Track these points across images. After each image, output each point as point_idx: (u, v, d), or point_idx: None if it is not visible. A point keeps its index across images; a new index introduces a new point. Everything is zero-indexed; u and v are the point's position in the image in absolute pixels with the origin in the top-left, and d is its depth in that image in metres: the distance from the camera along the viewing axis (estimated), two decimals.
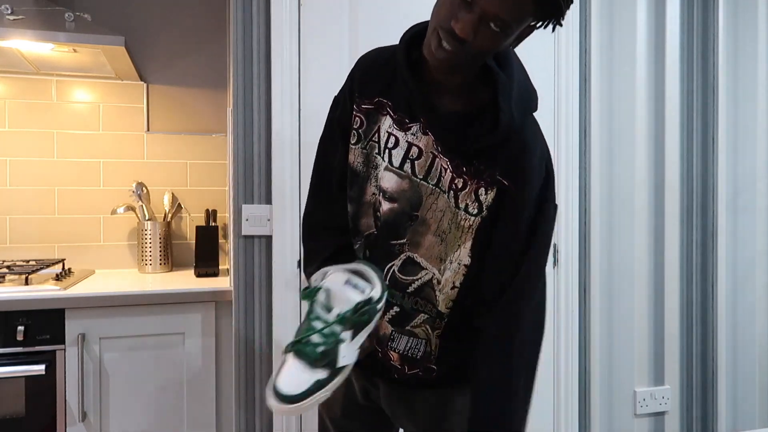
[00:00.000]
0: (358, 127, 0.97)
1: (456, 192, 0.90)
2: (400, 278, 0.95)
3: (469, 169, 0.89)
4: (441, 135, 0.90)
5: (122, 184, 2.10)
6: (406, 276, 0.94)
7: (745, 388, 2.15)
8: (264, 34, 1.63)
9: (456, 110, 0.90)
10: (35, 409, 1.55)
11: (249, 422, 1.62)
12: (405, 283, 0.95)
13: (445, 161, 0.90)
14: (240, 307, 1.61)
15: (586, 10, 1.93)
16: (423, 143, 0.91)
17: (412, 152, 0.92)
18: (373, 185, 0.96)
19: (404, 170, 0.92)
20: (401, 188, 0.93)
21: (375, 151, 0.95)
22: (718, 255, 2.09)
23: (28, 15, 1.65)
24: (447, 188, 0.90)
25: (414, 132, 0.92)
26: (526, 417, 0.98)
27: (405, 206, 0.93)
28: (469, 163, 0.89)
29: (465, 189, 0.89)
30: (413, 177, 0.92)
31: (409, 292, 0.95)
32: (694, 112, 2.08)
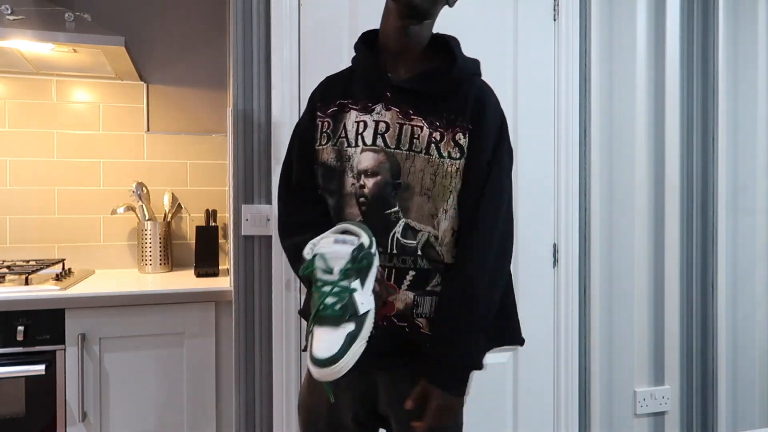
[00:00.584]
0: (326, 129, 1.09)
1: (437, 144, 1.02)
2: (405, 243, 1.02)
3: (442, 122, 1.02)
4: (411, 100, 1.04)
5: (122, 184, 2.10)
6: (409, 240, 1.02)
7: (745, 388, 2.15)
8: (264, 34, 1.63)
9: (414, 73, 1.06)
10: (35, 409, 1.55)
11: (249, 422, 1.62)
12: (411, 247, 1.02)
13: (418, 120, 1.03)
14: (240, 307, 1.61)
15: (586, 10, 1.93)
16: (388, 117, 1.04)
17: (380, 127, 1.04)
18: (351, 176, 1.05)
19: (377, 145, 1.03)
20: (379, 161, 1.03)
21: (345, 146, 1.06)
22: (718, 255, 2.09)
23: (28, 15, 1.65)
24: (426, 145, 1.01)
25: (378, 111, 1.05)
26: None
27: (387, 177, 1.02)
28: (440, 117, 1.03)
29: (443, 140, 1.02)
30: (387, 148, 1.03)
31: (419, 255, 1.02)
32: (694, 112, 2.08)
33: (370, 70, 1.09)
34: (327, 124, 1.09)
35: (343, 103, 1.09)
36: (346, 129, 1.07)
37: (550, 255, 1.85)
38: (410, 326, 1.02)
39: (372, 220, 1.02)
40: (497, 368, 1.80)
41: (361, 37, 1.14)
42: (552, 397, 1.86)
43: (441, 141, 1.02)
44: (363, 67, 1.11)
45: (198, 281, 1.79)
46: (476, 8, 1.76)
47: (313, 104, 1.15)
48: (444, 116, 1.03)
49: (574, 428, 1.88)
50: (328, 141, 1.08)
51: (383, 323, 1.02)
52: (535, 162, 1.83)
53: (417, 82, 1.05)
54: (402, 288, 1.02)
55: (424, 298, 1.02)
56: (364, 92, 1.08)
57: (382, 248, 1.01)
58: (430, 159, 1.01)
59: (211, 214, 2.00)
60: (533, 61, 1.82)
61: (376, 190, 1.02)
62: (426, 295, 1.02)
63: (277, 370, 1.60)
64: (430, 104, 1.04)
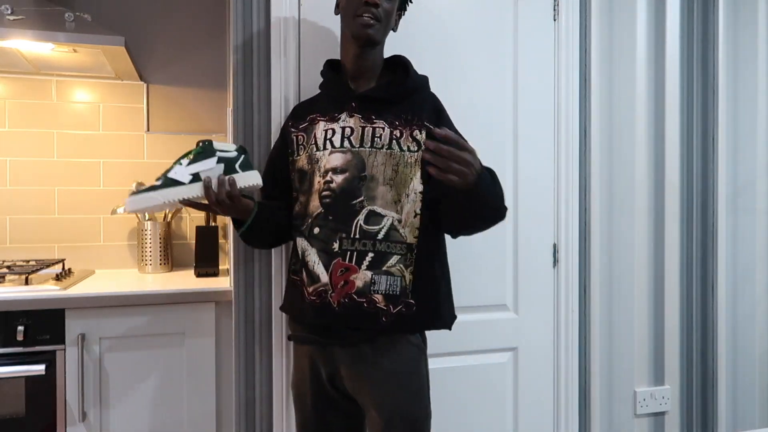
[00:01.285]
0: (301, 142, 1.30)
1: (398, 140, 1.22)
2: (366, 229, 1.19)
3: (400, 122, 1.23)
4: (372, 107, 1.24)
5: (122, 184, 2.11)
6: (371, 226, 1.19)
7: (745, 388, 2.15)
8: (264, 34, 1.63)
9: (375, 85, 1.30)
10: (35, 409, 1.55)
11: (249, 422, 1.62)
12: (372, 232, 1.18)
13: (380, 123, 1.23)
14: (240, 307, 1.61)
15: (586, 10, 1.93)
16: (352, 123, 1.25)
17: (346, 132, 1.24)
18: (318, 175, 1.23)
19: (344, 146, 1.23)
20: (347, 160, 1.22)
21: (314, 150, 1.26)
22: (718, 255, 2.09)
23: (28, 15, 1.65)
24: (388, 142, 1.21)
25: (344, 119, 1.26)
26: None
27: (354, 172, 1.21)
28: (398, 118, 1.23)
29: (403, 136, 1.22)
30: (352, 148, 1.22)
31: (379, 239, 1.18)
32: (694, 112, 2.08)
33: (335, 86, 1.31)
34: (301, 137, 1.31)
35: (312, 117, 1.31)
36: (315, 137, 1.27)
37: (550, 255, 1.85)
38: (368, 302, 1.17)
39: (337, 210, 1.20)
40: (497, 368, 1.80)
41: (326, 64, 1.38)
42: (552, 397, 1.86)
43: (401, 137, 1.22)
44: (330, 86, 1.33)
45: (198, 281, 1.80)
46: (476, 8, 1.76)
47: (285, 127, 1.37)
48: (402, 117, 1.23)
49: (574, 428, 1.88)
50: (301, 151, 1.30)
51: (345, 300, 1.17)
52: (535, 162, 1.83)
53: (377, 91, 1.26)
54: (362, 268, 1.18)
55: (380, 277, 1.17)
56: (330, 106, 1.29)
57: (346, 234, 1.18)
58: (392, 153, 1.21)
59: (211, 214, 2.00)
60: (533, 61, 1.82)
61: (345, 184, 1.20)
62: (383, 274, 1.18)
63: (277, 370, 1.60)
64: (389, 109, 1.24)
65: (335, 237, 1.19)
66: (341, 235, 1.18)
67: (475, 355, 1.75)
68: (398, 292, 1.18)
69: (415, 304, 1.19)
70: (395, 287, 1.18)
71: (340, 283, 1.18)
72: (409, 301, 1.18)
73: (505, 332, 1.79)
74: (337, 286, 1.18)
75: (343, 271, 1.18)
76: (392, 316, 1.17)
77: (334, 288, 1.18)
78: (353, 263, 1.18)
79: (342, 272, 1.18)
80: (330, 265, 1.19)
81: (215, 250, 1.93)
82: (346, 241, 1.18)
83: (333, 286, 1.18)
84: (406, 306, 1.18)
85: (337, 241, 1.19)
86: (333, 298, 1.18)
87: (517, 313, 1.81)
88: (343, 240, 1.18)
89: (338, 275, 1.18)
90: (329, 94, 1.33)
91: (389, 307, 1.17)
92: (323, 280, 1.19)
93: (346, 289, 1.17)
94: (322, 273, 1.20)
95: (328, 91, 1.34)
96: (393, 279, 1.18)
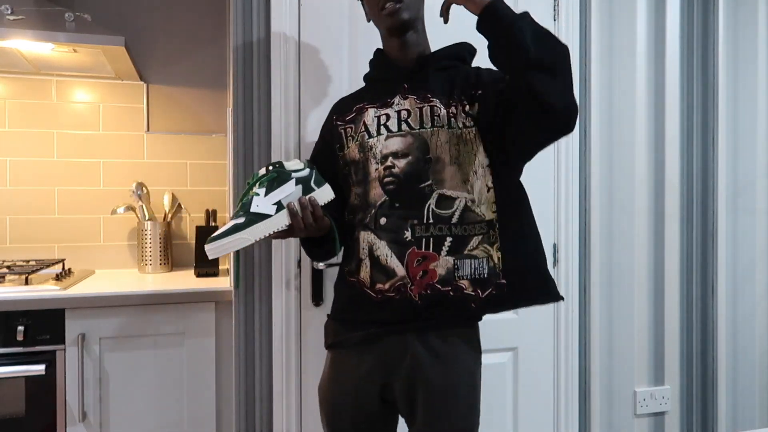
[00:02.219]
0: (350, 133, 1.22)
1: (455, 117, 1.13)
2: (439, 213, 1.10)
3: (453, 99, 1.15)
4: (425, 87, 1.17)
5: (122, 184, 2.11)
6: (444, 210, 1.10)
7: (745, 388, 2.15)
8: (264, 34, 1.63)
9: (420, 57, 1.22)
10: (35, 409, 1.55)
11: (249, 422, 1.62)
12: (446, 216, 1.10)
13: (436, 101, 1.15)
14: (240, 307, 1.61)
15: (586, 10, 1.93)
16: (407, 105, 1.16)
17: (403, 114, 1.16)
18: (374, 162, 1.15)
19: (403, 129, 1.15)
20: (408, 143, 1.13)
21: (365, 138, 1.18)
22: (718, 255, 2.09)
23: (28, 15, 1.65)
24: (447, 120, 1.13)
25: (397, 102, 1.18)
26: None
27: (418, 155, 1.12)
28: (451, 95, 1.15)
29: (458, 113, 1.13)
30: (412, 130, 1.14)
31: (453, 223, 1.09)
32: (694, 112, 2.08)
33: (385, 70, 1.25)
34: (350, 129, 1.22)
35: (360, 106, 1.23)
36: (365, 124, 1.19)
37: (550, 255, 1.85)
38: (454, 289, 1.08)
39: (405, 196, 1.11)
40: (497, 368, 1.80)
41: (376, 52, 1.31)
42: (552, 397, 1.86)
43: (457, 114, 1.13)
44: (379, 71, 1.28)
45: (198, 281, 1.80)
46: None
47: (329, 123, 1.29)
48: (454, 94, 1.15)
49: (574, 428, 1.88)
50: (352, 141, 1.21)
51: (427, 291, 1.08)
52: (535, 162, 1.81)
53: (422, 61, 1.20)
54: (441, 254, 1.08)
55: (463, 261, 1.08)
56: (380, 92, 1.21)
57: (418, 220, 1.09)
58: (453, 131, 1.12)
59: (211, 214, 2.00)
60: None
61: (409, 168, 1.12)
62: (465, 258, 1.09)
63: (277, 370, 1.60)
64: (441, 87, 1.17)
65: (406, 225, 1.10)
66: (413, 222, 1.09)
67: None
68: (486, 274, 1.09)
69: (507, 283, 1.09)
70: (482, 270, 1.08)
71: (419, 273, 1.08)
72: (500, 282, 1.09)
73: (505, 332, 1.79)
74: (416, 277, 1.08)
75: (420, 260, 1.08)
76: (481, 301, 1.08)
77: (412, 280, 1.08)
78: (431, 250, 1.08)
79: (419, 261, 1.08)
80: (405, 256, 1.09)
81: None
82: (419, 227, 1.09)
83: (411, 279, 1.08)
84: (497, 287, 1.09)
85: (409, 228, 1.09)
86: (413, 291, 1.08)
87: (517, 313, 1.81)
88: (416, 227, 1.09)
89: (415, 266, 1.08)
90: (379, 80, 1.27)
91: (477, 292, 1.08)
92: (400, 273, 1.09)
93: (426, 279, 1.08)
94: (398, 266, 1.10)
95: (379, 76, 1.28)
96: (478, 261, 1.09)
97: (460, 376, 1.12)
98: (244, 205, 1.07)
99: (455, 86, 1.17)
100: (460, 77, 1.18)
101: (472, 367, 1.14)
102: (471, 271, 1.08)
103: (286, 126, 1.60)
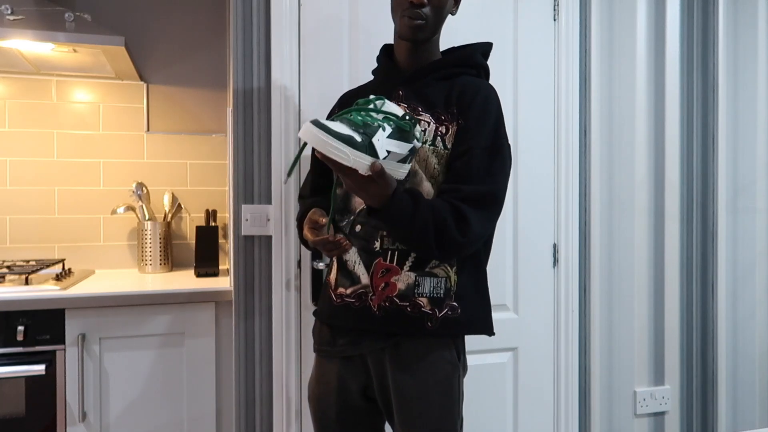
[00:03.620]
0: None
1: (443, 137, 1.10)
2: None
3: (447, 116, 1.11)
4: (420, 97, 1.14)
5: (122, 184, 2.11)
6: None
7: (745, 388, 2.15)
8: (264, 34, 1.63)
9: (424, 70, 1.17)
10: (35, 409, 1.55)
11: (249, 422, 1.62)
12: None
13: (426, 117, 1.12)
14: (240, 307, 1.61)
15: (586, 10, 1.93)
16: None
17: None
18: None
19: None
20: None
21: None
22: (718, 255, 2.09)
23: (28, 15, 1.65)
24: (432, 138, 1.10)
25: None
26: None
27: None
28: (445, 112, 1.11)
29: (448, 133, 1.10)
30: None
31: None
32: (694, 112, 2.08)
33: (384, 71, 1.24)
34: None
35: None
36: None
37: (550, 255, 1.85)
38: (412, 305, 1.08)
39: None
40: (497, 368, 1.80)
41: (383, 49, 1.28)
42: (552, 397, 1.86)
43: (446, 134, 1.10)
44: (380, 69, 1.26)
45: (198, 281, 1.80)
46: (476, 8, 1.76)
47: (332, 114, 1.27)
48: (449, 111, 1.11)
49: (574, 428, 1.88)
50: None
51: (386, 304, 1.08)
52: (535, 162, 1.83)
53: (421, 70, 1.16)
54: (404, 269, 1.09)
55: (424, 279, 1.09)
56: (379, 93, 1.18)
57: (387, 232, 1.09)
58: (436, 150, 1.10)
59: (211, 214, 2.00)
60: (533, 61, 1.82)
61: None
62: (426, 275, 1.09)
63: (277, 370, 1.60)
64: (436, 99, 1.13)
65: (377, 235, 1.10)
66: (383, 233, 1.10)
67: (475, 354, 1.75)
68: (442, 294, 1.09)
69: (459, 306, 1.10)
70: (440, 289, 1.09)
71: (381, 285, 1.09)
72: (453, 304, 1.10)
73: (505, 332, 1.79)
74: (378, 288, 1.09)
75: (384, 272, 1.09)
76: (438, 321, 1.08)
77: (374, 290, 1.10)
78: (395, 263, 1.09)
79: (383, 273, 1.09)
80: (372, 266, 1.10)
81: (215, 250, 1.93)
82: (387, 239, 1.10)
83: (374, 288, 1.10)
84: (451, 309, 1.10)
85: (379, 239, 1.10)
86: (373, 302, 1.10)
87: (517, 313, 1.81)
88: (385, 238, 1.10)
89: (379, 276, 1.10)
90: (378, 80, 1.27)
91: (435, 311, 1.09)
92: (363, 282, 1.11)
93: (387, 292, 1.09)
94: (363, 274, 1.11)
95: (379, 75, 1.27)
96: (437, 281, 1.09)
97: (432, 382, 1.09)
98: (366, 126, 0.92)
99: (451, 101, 1.12)
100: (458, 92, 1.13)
101: (448, 371, 1.11)
102: (430, 289, 1.09)
103: (286, 126, 1.60)
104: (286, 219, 1.60)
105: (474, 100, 1.11)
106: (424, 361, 1.10)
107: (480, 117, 1.09)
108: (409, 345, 1.10)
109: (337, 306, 1.15)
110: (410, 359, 1.10)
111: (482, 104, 1.11)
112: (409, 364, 1.10)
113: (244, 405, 1.62)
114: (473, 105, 1.10)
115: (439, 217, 1.01)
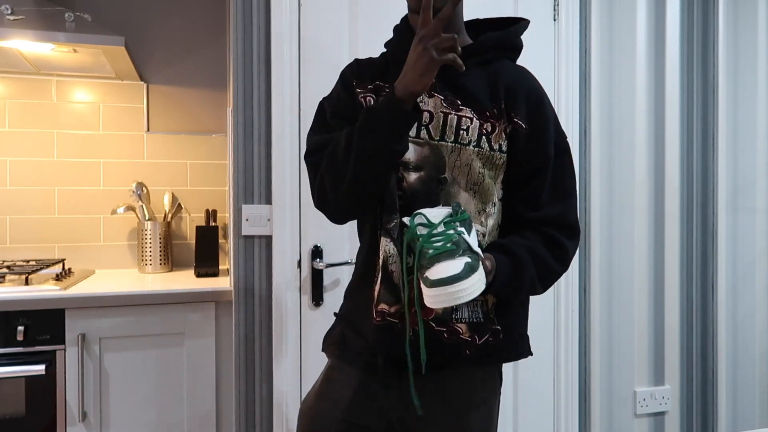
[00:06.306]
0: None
1: (488, 136, 0.95)
2: None
3: (493, 112, 0.95)
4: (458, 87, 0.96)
5: (122, 184, 2.10)
6: None
7: (745, 388, 2.15)
8: (264, 34, 1.63)
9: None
10: (35, 409, 1.55)
11: (249, 422, 1.62)
12: None
13: (467, 111, 0.95)
14: (240, 307, 1.61)
15: (586, 9, 1.93)
16: (431, 106, 0.95)
17: (424, 118, 0.95)
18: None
19: (421, 137, 0.95)
20: (423, 155, 0.95)
21: None
22: (718, 255, 2.09)
23: (28, 15, 1.65)
24: (476, 138, 0.94)
25: (420, 99, 0.94)
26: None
27: (431, 172, 0.95)
28: (491, 105, 0.95)
29: (495, 131, 0.95)
30: (431, 140, 0.95)
31: None
32: (694, 112, 2.08)
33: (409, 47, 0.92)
34: (371, 99, 0.99)
35: (380, 85, 1.00)
36: None
37: None
38: (449, 331, 0.94)
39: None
40: None
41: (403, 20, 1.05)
42: (552, 397, 1.86)
43: (492, 132, 0.95)
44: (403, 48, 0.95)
45: (198, 281, 1.80)
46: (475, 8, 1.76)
47: (346, 80, 1.03)
48: (496, 105, 0.96)
49: (574, 428, 1.88)
50: None
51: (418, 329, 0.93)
52: None
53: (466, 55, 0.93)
54: None
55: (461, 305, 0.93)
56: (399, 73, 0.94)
57: None
58: (480, 152, 0.94)
59: (211, 214, 2.00)
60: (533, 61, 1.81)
61: (418, 185, 0.95)
62: None
63: (277, 370, 1.60)
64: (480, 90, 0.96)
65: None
66: None
67: None
68: (482, 318, 0.95)
69: (502, 330, 0.97)
70: (478, 313, 0.95)
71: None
72: (495, 328, 0.96)
73: None
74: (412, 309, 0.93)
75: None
76: (477, 348, 0.95)
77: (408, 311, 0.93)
78: None
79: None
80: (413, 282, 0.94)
81: (215, 250, 1.93)
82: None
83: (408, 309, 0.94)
84: (493, 334, 0.96)
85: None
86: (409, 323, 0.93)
87: None
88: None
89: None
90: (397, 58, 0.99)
91: (474, 338, 0.95)
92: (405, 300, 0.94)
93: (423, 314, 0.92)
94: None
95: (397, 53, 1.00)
96: (474, 304, 0.95)
97: (473, 414, 0.99)
98: (457, 243, 0.83)
99: (498, 94, 0.96)
100: (506, 84, 0.97)
101: (489, 398, 1.02)
102: (468, 314, 0.95)
103: (286, 126, 1.60)
104: (286, 219, 1.60)
105: (530, 97, 0.98)
106: (462, 389, 0.99)
107: (545, 123, 0.98)
108: (447, 373, 0.98)
109: (378, 326, 0.96)
110: (447, 389, 0.99)
111: (540, 101, 0.98)
112: (445, 393, 0.99)
113: (244, 405, 1.62)
114: (531, 103, 0.97)
115: (541, 263, 0.95)
